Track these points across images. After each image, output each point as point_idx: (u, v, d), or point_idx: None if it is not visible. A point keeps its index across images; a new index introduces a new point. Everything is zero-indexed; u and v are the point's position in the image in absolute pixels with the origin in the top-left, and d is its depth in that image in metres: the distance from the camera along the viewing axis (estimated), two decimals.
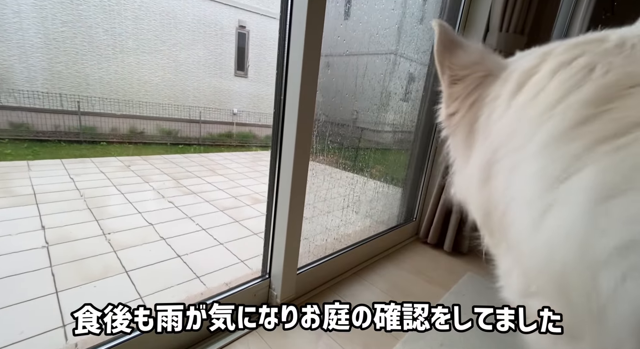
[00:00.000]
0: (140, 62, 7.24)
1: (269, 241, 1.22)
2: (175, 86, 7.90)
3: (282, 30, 1.04)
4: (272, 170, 1.17)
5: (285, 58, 1.04)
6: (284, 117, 1.10)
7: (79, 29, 6.45)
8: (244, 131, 9.18)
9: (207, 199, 3.68)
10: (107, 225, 2.75)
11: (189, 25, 7.82)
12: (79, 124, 6.44)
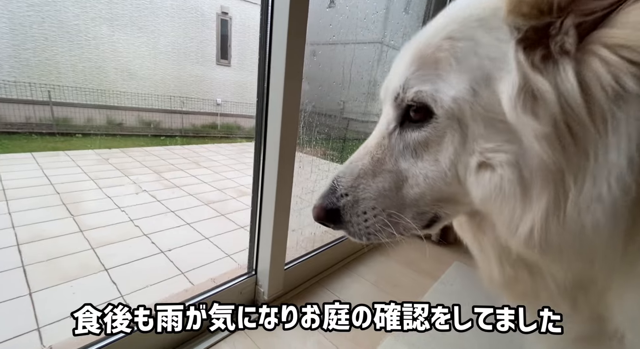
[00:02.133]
0: (115, 49, 6.88)
1: (255, 237, 1.18)
2: (155, 75, 7.59)
3: (264, 16, 0.98)
4: (257, 163, 1.12)
5: (267, 46, 0.99)
6: (267, 107, 1.05)
7: (47, 13, 6.04)
8: (228, 121, 8.97)
9: (190, 193, 3.58)
10: (83, 221, 2.62)
11: (168, 10, 7.47)
12: (51, 115, 6.09)
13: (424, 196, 0.51)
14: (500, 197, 0.42)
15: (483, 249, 0.53)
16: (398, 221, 0.53)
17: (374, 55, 2.30)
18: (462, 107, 0.44)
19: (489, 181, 0.43)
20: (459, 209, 0.53)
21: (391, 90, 0.52)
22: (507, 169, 0.41)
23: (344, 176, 0.56)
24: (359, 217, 0.54)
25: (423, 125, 0.49)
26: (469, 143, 0.45)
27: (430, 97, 0.46)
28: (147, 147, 5.96)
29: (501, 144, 0.42)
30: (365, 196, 0.54)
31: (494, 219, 0.46)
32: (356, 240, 0.57)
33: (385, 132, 0.55)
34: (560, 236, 0.39)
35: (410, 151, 0.51)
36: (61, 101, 6.28)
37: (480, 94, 0.43)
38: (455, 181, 0.48)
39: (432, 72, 0.46)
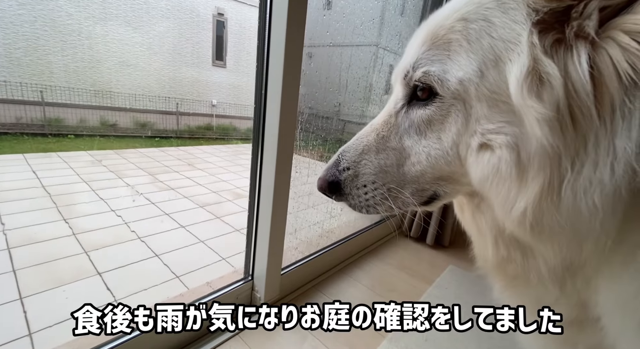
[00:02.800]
0: (109, 50, 6.80)
1: (252, 242, 1.18)
2: (150, 76, 7.51)
3: (262, 18, 0.98)
4: (254, 167, 1.12)
5: (265, 48, 0.99)
6: (265, 110, 1.04)
7: (39, 12, 5.95)
8: (224, 123, 8.92)
9: (186, 195, 3.55)
10: (76, 224, 2.58)
11: (163, 11, 7.41)
12: (43, 116, 6.00)
13: (425, 173, 0.53)
14: (497, 178, 0.44)
15: (480, 230, 0.54)
16: (397, 196, 0.55)
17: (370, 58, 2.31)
18: (468, 89, 0.45)
19: (488, 162, 0.44)
20: (458, 189, 0.55)
21: (401, 69, 0.54)
22: (505, 150, 0.42)
23: (349, 151, 0.59)
24: (359, 191, 0.57)
25: (428, 104, 0.50)
26: (471, 124, 0.46)
27: (437, 77, 0.47)
28: (141, 148, 5.90)
29: (502, 126, 0.43)
30: (366, 171, 0.57)
31: (491, 199, 0.47)
32: (356, 212, 0.60)
33: (392, 110, 0.57)
34: (552, 217, 0.40)
35: (414, 129, 0.53)
36: (53, 101, 6.18)
37: (487, 76, 0.43)
38: (456, 160, 0.49)
39: (443, 53, 0.47)
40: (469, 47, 0.45)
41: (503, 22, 0.42)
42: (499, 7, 0.43)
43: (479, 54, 0.44)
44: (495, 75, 0.43)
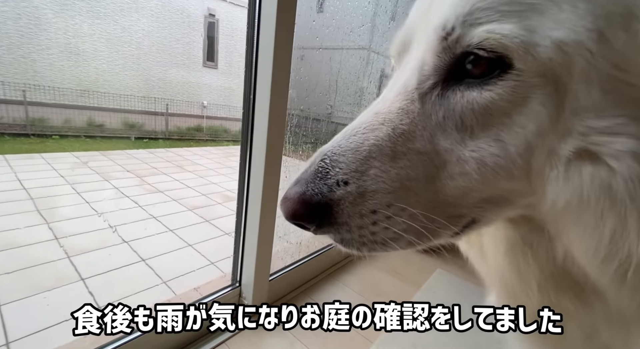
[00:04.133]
0: (97, 48, 6.67)
1: (240, 247, 1.16)
2: (139, 76, 7.39)
3: (251, 20, 0.97)
4: (242, 169, 1.10)
5: (254, 50, 0.98)
6: (253, 111, 1.03)
7: (23, 9, 5.79)
8: (214, 124, 8.83)
9: (174, 198, 3.48)
10: (59, 228, 2.50)
11: (153, 10, 7.31)
12: (25, 115, 5.82)
13: (471, 191, 0.35)
14: (604, 204, 0.29)
15: (520, 269, 0.40)
16: (424, 226, 0.36)
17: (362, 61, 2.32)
18: (572, 59, 0.29)
19: (590, 179, 0.29)
20: (505, 214, 0.39)
21: (437, 23, 0.34)
22: (626, 162, 0.28)
23: (344, 154, 0.37)
24: (364, 219, 0.36)
25: (489, 83, 0.32)
26: (565, 118, 0.30)
27: (519, 40, 0.29)
28: (129, 150, 5.78)
29: (624, 123, 0.28)
30: (377, 188, 0.36)
31: (570, 232, 0.33)
32: (349, 250, 0.40)
33: (414, 92, 0.37)
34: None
35: (454, 123, 0.35)
36: (37, 100, 6.01)
37: (611, 40, 0.28)
38: (524, 173, 0.33)
39: (522, 0, 0.29)
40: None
41: None
42: None
43: (597, 2, 0.28)
44: (625, 40, 0.28)
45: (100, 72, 6.81)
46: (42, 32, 6.04)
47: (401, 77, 0.39)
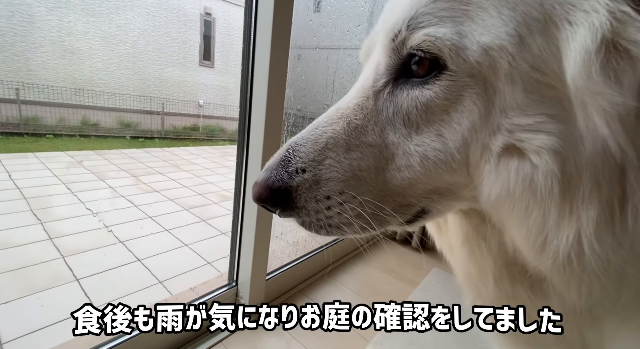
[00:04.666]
0: (91, 47, 6.60)
1: (236, 246, 1.15)
2: (134, 75, 7.33)
3: (247, 19, 0.96)
4: (239, 169, 1.10)
5: (251, 50, 0.98)
6: (250, 111, 1.03)
7: (16, 7, 5.72)
8: (211, 123, 8.79)
9: (170, 198, 3.46)
10: (53, 228, 2.48)
11: (149, 9, 7.26)
12: (19, 114, 5.75)
13: (416, 183, 0.38)
14: (528, 197, 0.31)
15: (476, 260, 0.43)
16: (375, 213, 0.40)
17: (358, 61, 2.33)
18: (497, 62, 0.31)
19: (516, 172, 0.31)
20: (455, 205, 0.41)
21: (388, 26, 0.37)
22: (545, 157, 0.30)
23: (305, 145, 0.41)
24: (320, 204, 0.40)
25: (428, 82, 0.35)
26: (494, 116, 0.32)
27: (450, 43, 0.32)
28: (124, 149, 5.73)
29: (543, 121, 0.30)
30: (331, 176, 0.40)
31: (508, 223, 0.35)
32: (311, 232, 0.43)
33: (369, 90, 0.40)
34: (614, 255, 0.29)
35: (402, 118, 0.38)
36: (31, 99, 5.94)
37: (530, 45, 0.30)
38: (463, 167, 0.36)
39: (458, 7, 0.32)
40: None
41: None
42: None
43: (519, 10, 0.30)
44: (543, 45, 0.30)
45: (95, 71, 6.75)
46: (36, 30, 5.97)
47: (363, 77, 0.43)
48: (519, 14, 0.30)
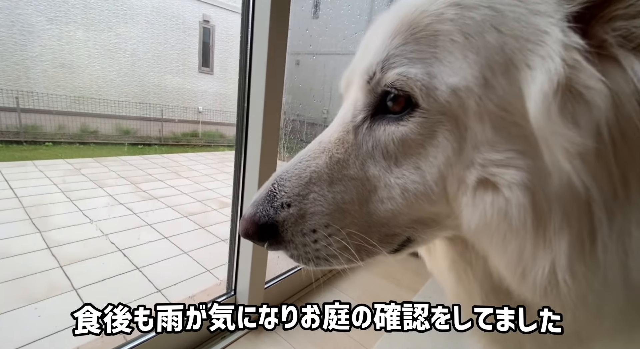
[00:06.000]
0: (91, 55, 6.64)
1: (235, 254, 1.15)
2: (134, 82, 7.37)
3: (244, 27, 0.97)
4: (237, 175, 1.10)
5: (248, 56, 0.98)
6: (248, 117, 1.03)
7: (17, 17, 5.77)
8: (210, 130, 8.81)
9: (169, 205, 3.45)
10: (52, 237, 2.47)
11: (148, 17, 7.33)
12: (18, 123, 5.76)
13: (399, 214, 0.39)
14: (504, 228, 0.32)
15: (462, 283, 0.44)
16: (360, 244, 0.41)
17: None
18: (465, 102, 0.33)
19: (491, 205, 0.33)
20: (439, 234, 0.43)
21: (363, 68, 0.40)
22: (517, 191, 0.31)
23: (289, 179, 0.42)
24: (306, 237, 0.41)
25: (403, 119, 0.37)
26: (467, 151, 0.34)
27: (420, 83, 0.34)
28: (123, 156, 5.74)
29: (512, 157, 0.32)
30: (316, 210, 0.41)
31: (490, 252, 0.36)
32: (300, 265, 0.44)
33: (349, 125, 0.42)
34: (589, 286, 0.30)
35: (381, 152, 0.39)
36: (30, 107, 5.95)
37: (494, 86, 0.32)
38: (443, 198, 0.37)
39: (427, 50, 0.34)
40: (467, 43, 0.32)
41: (516, 13, 0.31)
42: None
43: (482, 54, 0.32)
44: (506, 86, 0.32)
45: (95, 79, 6.78)
46: (36, 39, 6.01)
47: (343, 112, 0.45)
48: (482, 58, 0.32)
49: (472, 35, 0.33)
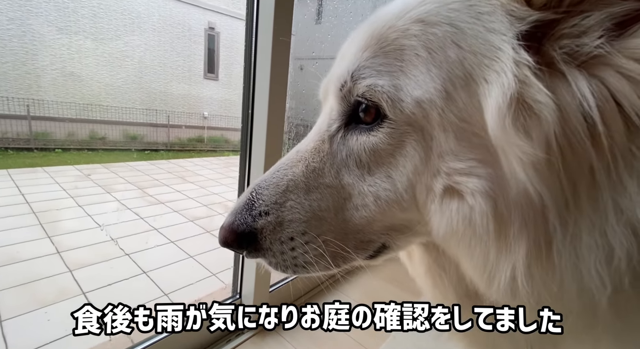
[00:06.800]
0: (99, 63, 6.79)
1: (240, 258, 1.16)
2: (141, 89, 7.50)
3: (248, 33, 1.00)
4: (242, 180, 1.11)
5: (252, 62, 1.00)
6: (252, 123, 1.05)
7: (28, 27, 5.93)
8: (215, 135, 8.90)
9: (175, 209, 3.49)
10: (61, 242, 2.51)
11: (154, 25, 7.47)
12: (29, 130, 5.89)
13: (373, 221, 0.41)
14: (470, 234, 0.34)
15: (438, 288, 0.46)
16: (336, 251, 0.42)
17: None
18: (429, 114, 0.34)
19: (457, 212, 0.34)
20: (412, 240, 0.44)
21: (337, 76, 0.41)
22: (479, 199, 0.32)
23: (267, 188, 0.43)
24: (284, 245, 0.42)
25: (374, 129, 0.38)
26: (433, 160, 0.35)
27: (386, 95, 0.36)
28: (130, 162, 5.82)
29: (474, 166, 0.33)
30: (293, 217, 0.42)
31: (459, 258, 0.38)
32: (279, 272, 0.45)
33: (325, 133, 0.44)
34: (549, 289, 0.31)
35: (354, 161, 0.41)
36: (40, 115, 6.09)
37: (455, 99, 0.34)
38: (414, 206, 0.38)
39: (394, 63, 0.36)
40: (430, 58, 0.34)
41: (474, 30, 0.32)
42: (467, 10, 0.33)
43: (444, 68, 0.34)
44: (466, 99, 0.33)
45: (103, 87, 6.92)
46: (46, 49, 6.17)
47: (320, 121, 0.46)
48: (444, 72, 0.34)
49: (435, 50, 0.34)
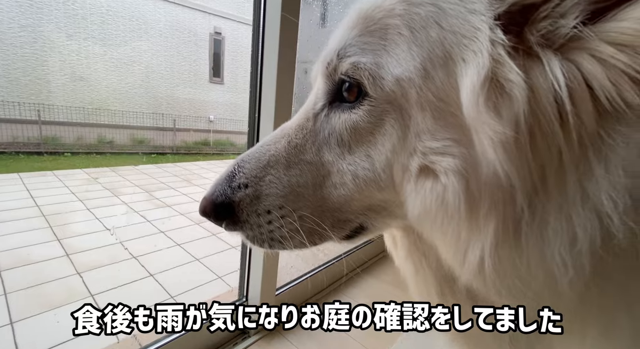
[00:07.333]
0: (108, 68, 6.91)
1: (246, 261, 1.17)
2: (147, 93, 7.61)
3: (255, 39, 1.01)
4: None
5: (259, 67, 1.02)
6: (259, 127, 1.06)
7: (39, 34, 6.07)
8: (221, 138, 8.97)
9: (182, 212, 3.52)
10: (70, 244, 2.55)
11: (161, 31, 7.59)
12: (39, 134, 6.01)
13: (351, 200, 0.41)
14: (442, 214, 0.34)
15: (419, 273, 0.46)
16: (313, 228, 0.42)
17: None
18: (407, 92, 0.35)
19: (430, 191, 0.34)
20: (389, 222, 0.44)
21: (324, 57, 0.42)
22: (452, 177, 0.33)
23: (249, 162, 0.44)
24: (261, 218, 0.43)
25: (355, 107, 0.39)
26: (410, 139, 0.36)
27: (368, 72, 0.36)
28: (137, 165, 5.89)
29: (449, 145, 0.33)
30: (271, 191, 0.42)
31: (435, 239, 0.38)
32: (255, 246, 0.45)
33: (310, 112, 0.44)
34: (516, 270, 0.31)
35: (336, 139, 0.41)
36: (50, 119, 6.21)
37: (434, 77, 0.34)
38: (391, 186, 0.38)
39: (378, 42, 0.37)
40: (412, 37, 0.34)
41: (456, 11, 0.33)
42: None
43: (425, 47, 0.34)
44: (444, 78, 0.34)
45: (111, 91, 7.04)
46: (56, 55, 6.31)
47: (308, 100, 0.47)
48: (424, 51, 0.34)
49: (417, 30, 0.35)
